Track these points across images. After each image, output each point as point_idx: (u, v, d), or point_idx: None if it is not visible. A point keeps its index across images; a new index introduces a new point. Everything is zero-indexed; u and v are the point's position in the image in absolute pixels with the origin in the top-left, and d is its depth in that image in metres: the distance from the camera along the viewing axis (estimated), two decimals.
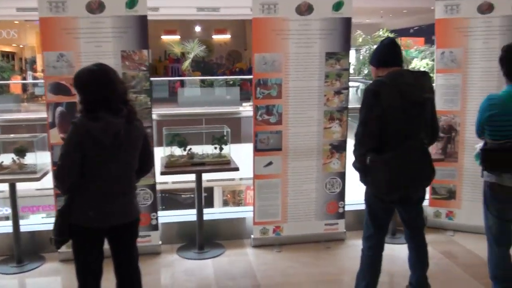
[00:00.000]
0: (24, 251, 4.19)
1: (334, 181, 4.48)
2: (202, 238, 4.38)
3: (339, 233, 4.55)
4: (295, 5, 4.17)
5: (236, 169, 4.15)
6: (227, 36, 21.80)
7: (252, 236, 4.47)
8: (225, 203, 12.96)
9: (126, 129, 2.66)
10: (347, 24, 4.26)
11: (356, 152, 3.05)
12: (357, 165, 3.05)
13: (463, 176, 4.69)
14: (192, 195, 13.14)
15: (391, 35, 11.29)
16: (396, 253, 4.33)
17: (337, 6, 4.21)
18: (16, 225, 4.13)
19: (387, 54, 3.12)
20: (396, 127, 2.95)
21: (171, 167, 4.16)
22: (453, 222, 4.80)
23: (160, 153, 4.27)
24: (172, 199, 12.94)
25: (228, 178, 10.16)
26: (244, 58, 21.24)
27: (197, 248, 4.37)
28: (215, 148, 4.30)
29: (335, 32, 4.23)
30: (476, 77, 4.52)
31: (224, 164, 4.23)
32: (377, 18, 19.80)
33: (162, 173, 4.11)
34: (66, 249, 3.05)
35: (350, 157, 3.42)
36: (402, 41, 11.38)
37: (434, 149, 4.69)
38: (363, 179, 3.09)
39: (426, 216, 4.86)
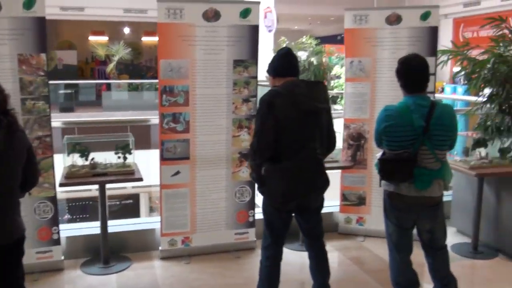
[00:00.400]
0: None
1: (244, 189, 4.41)
2: (107, 252, 4.19)
3: (249, 242, 4.50)
4: (202, 11, 4.08)
5: (140, 179, 3.99)
6: (157, 39, 21.26)
7: (160, 248, 4.33)
8: (152, 210, 12.67)
9: (6, 141, 2.46)
10: (254, 31, 4.22)
11: (252, 162, 3.08)
12: (254, 175, 3.07)
13: (372, 183, 4.76)
14: (119, 202, 12.84)
15: (315, 42, 11.45)
16: (306, 260, 4.33)
17: (245, 13, 4.16)
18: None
19: (283, 64, 3.11)
20: (290, 137, 2.96)
21: (72, 178, 3.95)
22: (364, 227, 4.87)
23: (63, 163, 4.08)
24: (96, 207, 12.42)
25: (155, 184, 9.92)
26: None
27: (102, 263, 4.18)
28: (119, 157, 4.13)
29: (243, 39, 4.18)
30: (385, 86, 4.61)
31: (128, 174, 4.06)
32: (305, 25, 20.08)
33: (61, 185, 3.89)
34: None
35: None
36: (326, 48, 11.55)
37: (344, 156, 4.76)
38: (260, 189, 3.07)
39: (338, 223, 4.92)
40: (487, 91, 4.60)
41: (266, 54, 13.33)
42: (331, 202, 5.02)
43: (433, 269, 3.31)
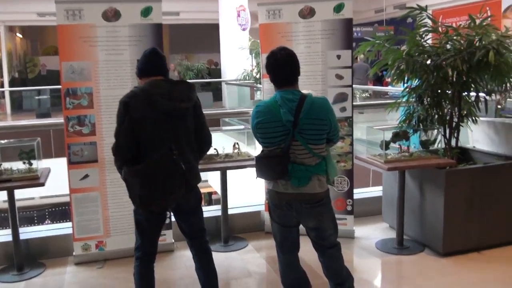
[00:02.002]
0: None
1: None
2: (21, 259, 4.12)
3: (167, 244, 4.40)
4: (101, 10, 4.01)
5: (41, 184, 3.91)
6: None
7: (74, 253, 4.26)
8: None
9: None
10: (157, 30, 4.13)
11: (115, 164, 2.98)
12: (122, 178, 2.97)
13: None
14: (51, 209, 12.38)
15: None
16: (230, 261, 4.26)
17: (146, 12, 4.08)
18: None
19: (147, 64, 3.05)
20: (147, 138, 2.89)
21: None
22: None
23: None
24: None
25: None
26: None
27: (15, 270, 4.11)
28: (24, 163, 4.06)
29: (145, 39, 4.09)
30: (300, 81, 4.47)
31: (33, 179, 3.99)
32: None
33: None
34: None
35: None
36: None
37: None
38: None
39: (264, 221, 4.80)
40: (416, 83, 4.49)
41: (236, 54, 13.42)
42: (257, 200, 4.94)
43: (325, 267, 3.21)
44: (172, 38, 19.98)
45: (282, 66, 2.90)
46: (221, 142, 4.54)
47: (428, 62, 4.27)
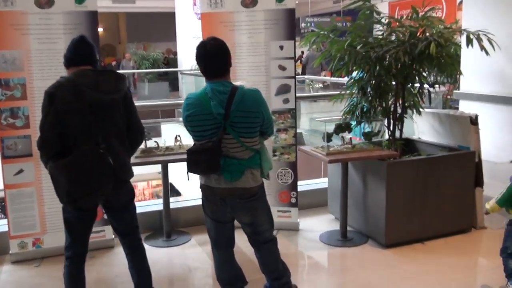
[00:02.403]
0: None
1: None
2: None
3: (107, 241, 4.27)
4: None
5: None
6: (99, 29, 20.86)
7: (10, 251, 4.09)
8: None
9: None
10: (93, 18, 3.99)
11: (41, 159, 2.85)
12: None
13: None
14: None
15: None
16: (171, 256, 4.18)
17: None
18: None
19: (74, 53, 2.91)
20: (73, 131, 2.76)
21: None
22: None
23: None
24: None
25: None
26: (117, 52, 20.44)
27: None
28: None
29: (80, 27, 3.93)
30: (244, 72, 4.42)
31: None
32: None
33: None
34: None
35: None
36: None
37: None
38: None
39: None
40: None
41: (193, 43, 13.17)
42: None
43: (261, 263, 3.17)
44: (129, 27, 19.59)
45: (212, 56, 2.81)
46: (177, 133, 4.40)
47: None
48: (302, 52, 16.06)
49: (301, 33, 14.42)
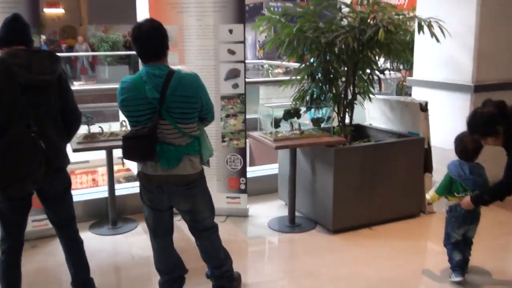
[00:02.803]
0: None
1: None
2: None
3: (49, 229, 4.10)
4: None
5: None
6: (60, 10, 20.35)
7: None
8: None
9: None
10: None
11: None
12: None
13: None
14: None
15: None
16: (115, 244, 4.09)
17: None
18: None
19: (6, 32, 2.76)
20: (4, 114, 2.58)
21: None
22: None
23: None
24: None
25: None
26: (79, 34, 19.91)
27: None
28: None
29: (20, 6, 3.74)
30: (192, 56, 4.32)
31: None
32: None
33: None
34: None
35: None
36: None
37: None
38: None
39: None
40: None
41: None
42: None
43: (201, 250, 3.12)
44: (90, 8, 19.07)
45: (147, 39, 2.69)
46: None
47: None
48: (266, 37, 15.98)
49: None
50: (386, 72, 4.69)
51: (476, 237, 3.43)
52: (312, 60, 4.38)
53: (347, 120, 4.46)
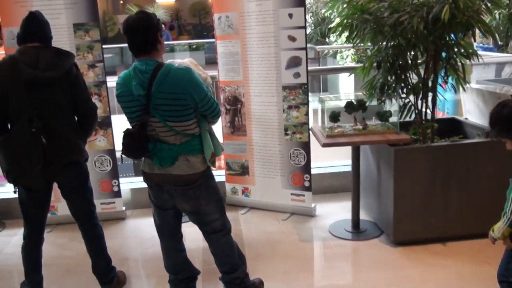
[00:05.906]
0: None
1: (103, 158, 4.25)
2: None
3: (117, 212, 4.35)
4: None
5: None
6: None
7: None
8: None
9: None
10: None
11: None
12: None
13: (253, 151, 4.34)
14: None
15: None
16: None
17: None
18: None
19: (22, 30, 2.87)
20: (9, 109, 2.74)
21: None
22: (250, 199, 4.48)
23: None
24: None
25: None
26: None
27: None
28: None
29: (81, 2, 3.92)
30: (254, 43, 4.10)
31: None
32: None
33: None
34: None
35: (118, 133, 3.09)
36: None
37: (223, 122, 4.38)
38: None
39: (226, 193, 4.56)
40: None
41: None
42: (219, 171, 4.69)
43: (212, 253, 2.97)
44: None
45: (133, 32, 2.55)
46: None
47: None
48: None
49: None
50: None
51: None
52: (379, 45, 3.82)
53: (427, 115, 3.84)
